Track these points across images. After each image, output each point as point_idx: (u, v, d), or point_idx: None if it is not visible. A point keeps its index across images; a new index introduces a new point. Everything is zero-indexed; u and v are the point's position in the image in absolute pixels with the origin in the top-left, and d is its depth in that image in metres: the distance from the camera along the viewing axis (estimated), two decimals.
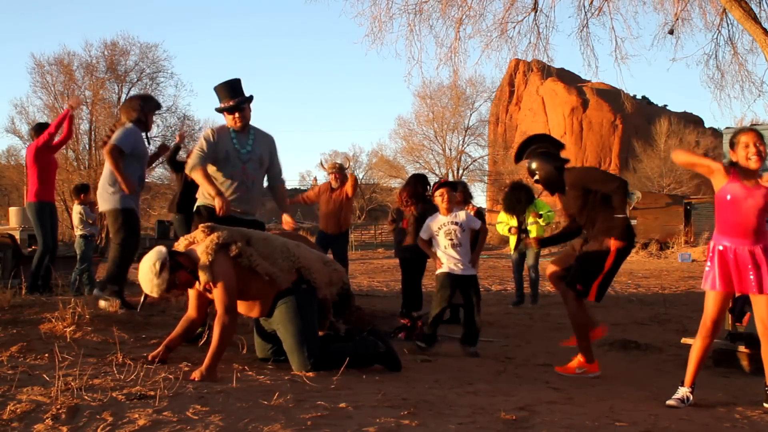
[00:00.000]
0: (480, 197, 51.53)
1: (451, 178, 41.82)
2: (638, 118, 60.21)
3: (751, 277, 3.55)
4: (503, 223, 9.10)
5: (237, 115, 4.58)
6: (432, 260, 5.55)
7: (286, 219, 4.82)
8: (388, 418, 2.75)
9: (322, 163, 10.61)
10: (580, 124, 63.71)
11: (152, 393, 2.94)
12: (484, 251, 31.69)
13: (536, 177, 4.86)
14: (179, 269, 3.65)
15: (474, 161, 45.62)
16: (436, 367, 4.56)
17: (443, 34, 11.34)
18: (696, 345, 3.72)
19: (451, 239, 5.26)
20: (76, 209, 8.91)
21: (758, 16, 8.92)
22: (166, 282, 3.60)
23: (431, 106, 44.82)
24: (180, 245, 3.84)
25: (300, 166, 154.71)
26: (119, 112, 5.57)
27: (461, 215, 5.39)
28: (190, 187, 5.93)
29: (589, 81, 54.42)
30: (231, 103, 4.56)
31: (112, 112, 28.46)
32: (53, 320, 4.46)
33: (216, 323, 3.60)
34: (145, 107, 5.48)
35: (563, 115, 64.08)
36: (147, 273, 3.62)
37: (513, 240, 9.16)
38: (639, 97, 68.84)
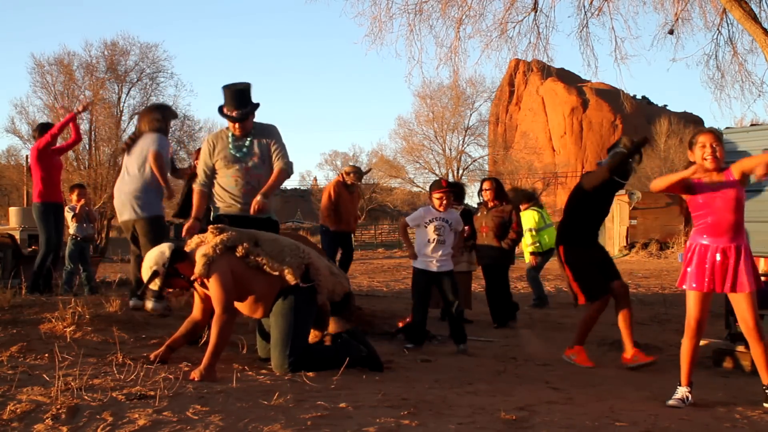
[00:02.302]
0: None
1: (451, 178, 41.82)
2: (638, 118, 60.24)
3: (726, 275, 3.56)
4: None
5: (237, 125, 4.57)
6: (409, 252, 5.59)
7: (256, 199, 4.39)
8: (388, 418, 2.75)
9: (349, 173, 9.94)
10: (580, 124, 63.70)
11: (152, 393, 2.94)
12: None
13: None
14: (175, 276, 3.75)
15: (474, 161, 45.61)
16: (436, 367, 4.56)
17: (443, 34, 11.33)
18: (684, 346, 3.77)
19: (439, 234, 5.39)
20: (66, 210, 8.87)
21: (758, 16, 8.91)
22: (158, 287, 3.76)
23: (431, 106, 44.79)
24: (192, 243, 3.87)
25: (300, 166, 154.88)
26: (138, 120, 5.60)
27: (453, 214, 5.54)
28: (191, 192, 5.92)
29: (589, 81, 54.45)
30: (234, 114, 4.52)
31: (112, 112, 28.44)
32: (53, 320, 4.46)
33: (214, 322, 3.62)
34: (167, 116, 5.59)
35: (563, 115, 64.07)
36: (144, 272, 3.78)
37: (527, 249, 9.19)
38: (639, 97, 68.90)
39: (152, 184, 5.32)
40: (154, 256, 3.75)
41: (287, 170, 4.64)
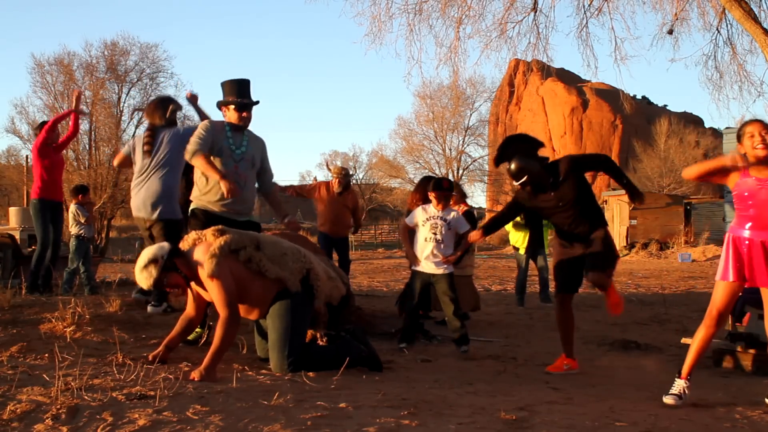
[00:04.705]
0: (480, 197, 51.50)
1: (450, 179, 41.79)
2: (638, 118, 60.20)
3: (766, 269, 3.47)
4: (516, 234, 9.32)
5: (244, 114, 4.57)
6: (408, 251, 5.48)
7: (291, 221, 4.76)
8: (388, 418, 2.75)
9: (327, 164, 10.70)
10: (580, 124, 63.69)
11: (152, 393, 2.94)
12: (484, 251, 31.64)
13: (523, 179, 4.59)
14: (172, 270, 3.71)
15: (474, 161, 45.61)
16: (436, 367, 4.56)
17: (443, 34, 11.36)
18: (698, 334, 3.66)
19: (434, 233, 5.28)
20: (71, 209, 8.87)
21: (758, 16, 8.91)
22: (153, 279, 3.67)
23: (431, 106, 44.83)
24: (189, 240, 3.85)
25: (300, 166, 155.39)
26: (147, 116, 5.41)
27: (452, 214, 5.40)
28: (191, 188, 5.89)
29: (589, 81, 54.48)
30: (240, 100, 4.55)
31: (112, 112, 28.43)
32: (53, 320, 4.46)
33: (219, 324, 3.60)
34: (176, 108, 5.47)
35: (563, 115, 64.07)
36: (139, 265, 3.72)
37: (522, 242, 9.23)
38: (639, 97, 68.87)
39: (176, 187, 5.26)
40: (153, 249, 3.75)
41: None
